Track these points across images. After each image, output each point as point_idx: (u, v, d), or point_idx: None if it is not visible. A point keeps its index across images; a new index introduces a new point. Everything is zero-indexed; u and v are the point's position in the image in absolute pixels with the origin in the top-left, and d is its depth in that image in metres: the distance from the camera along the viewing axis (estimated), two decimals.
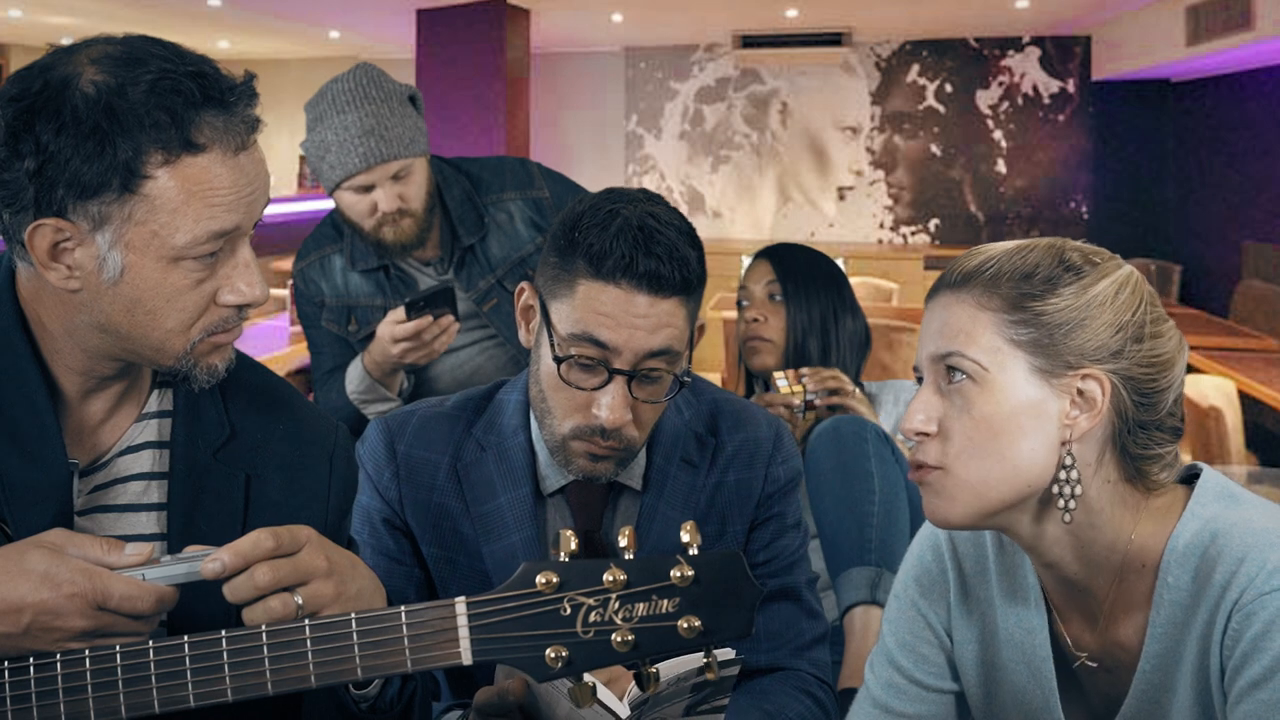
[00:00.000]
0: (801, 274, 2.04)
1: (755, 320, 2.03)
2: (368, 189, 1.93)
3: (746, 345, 2.05)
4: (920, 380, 1.07)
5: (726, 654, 1.01)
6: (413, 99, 2.01)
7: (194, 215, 0.92)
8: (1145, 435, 1.02)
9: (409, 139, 1.94)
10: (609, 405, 1.20)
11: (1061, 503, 1.01)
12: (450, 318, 1.88)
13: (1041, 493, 1.02)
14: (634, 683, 0.98)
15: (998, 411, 1.00)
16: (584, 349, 1.20)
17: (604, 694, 1.03)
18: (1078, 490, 1.01)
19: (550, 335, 1.23)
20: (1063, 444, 1.01)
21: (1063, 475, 1.01)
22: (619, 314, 1.18)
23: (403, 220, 1.95)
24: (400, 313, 1.87)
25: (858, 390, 1.96)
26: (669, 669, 0.96)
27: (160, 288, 0.94)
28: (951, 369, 1.02)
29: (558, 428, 1.25)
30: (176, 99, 0.91)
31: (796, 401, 1.92)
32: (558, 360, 1.21)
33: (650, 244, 1.18)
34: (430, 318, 1.86)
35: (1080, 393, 1.00)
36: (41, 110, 0.89)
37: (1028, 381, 1.00)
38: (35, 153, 0.89)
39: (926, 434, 1.03)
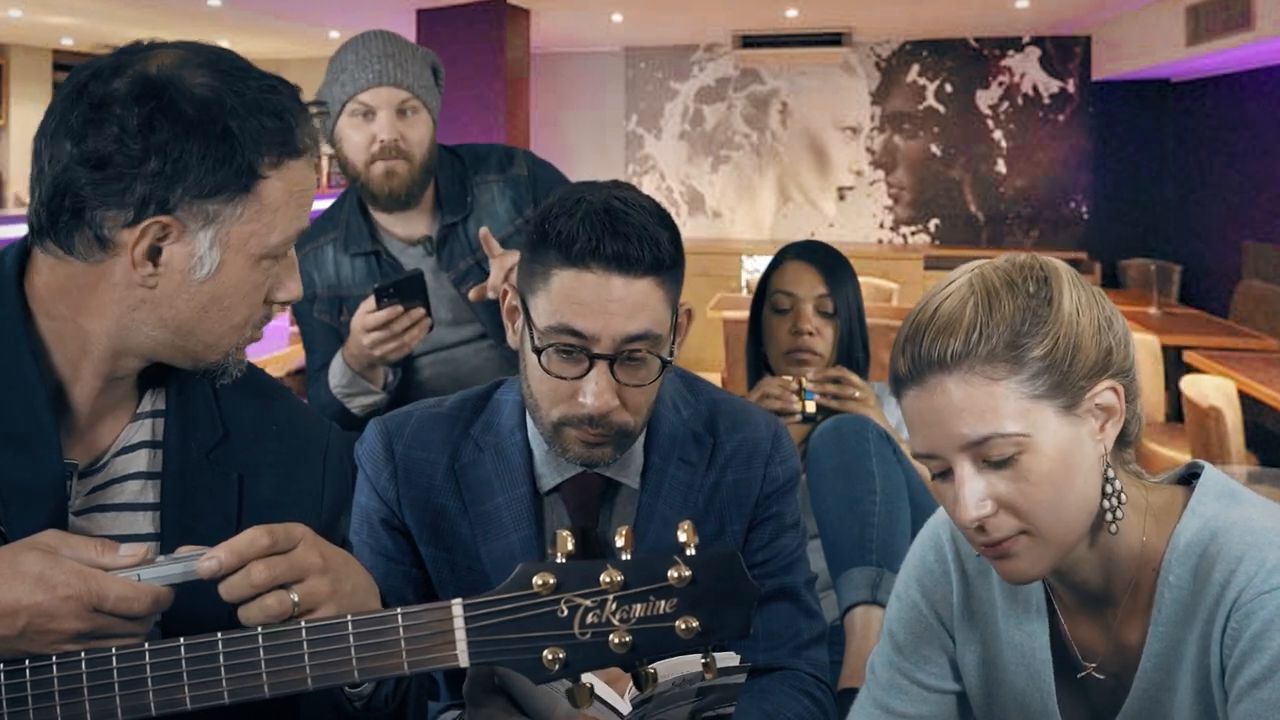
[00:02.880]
0: (844, 280, 2.02)
1: (810, 334, 1.98)
2: (370, 116, 1.94)
3: (791, 356, 1.99)
4: (944, 471, 1.02)
5: (730, 660, 1.01)
6: (434, 68, 2.05)
7: (289, 216, 0.97)
8: (1134, 406, 1.04)
9: (423, 82, 1.98)
10: (593, 392, 1.20)
11: (1110, 515, 1.01)
12: (421, 310, 1.86)
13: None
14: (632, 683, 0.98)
15: (1052, 467, 0.98)
16: (562, 339, 1.20)
17: (606, 692, 1.03)
18: (1124, 498, 1.02)
19: (530, 329, 1.23)
20: (1100, 458, 1.01)
21: (1108, 489, 1.01)
22: (593, 299, 1.18)
23: (397, 163, 1.95)
24: (371, 302, 1.86)
25: (869, 388, 1.94)
26: (672, 669, 0.95)
27: (240, 285, 0.97)
28: (991, 449, 0.99)
29: (546, 418, 1.25)
30: (281, 102, 0.96)
31: (795, 407, 1.91)
32: (537, 351, 1.21)
33: (617, 225, 1.18)
34: (401, 308, 1.84)
35: (1099, 406, 1.00)
36: (162, 112, 0.91)
37: (1061, 424, 0.99)
38: (160, 153, 0.91)
39: (988, 515, 1.00)
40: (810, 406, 1.91)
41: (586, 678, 0.88)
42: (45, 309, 0.98)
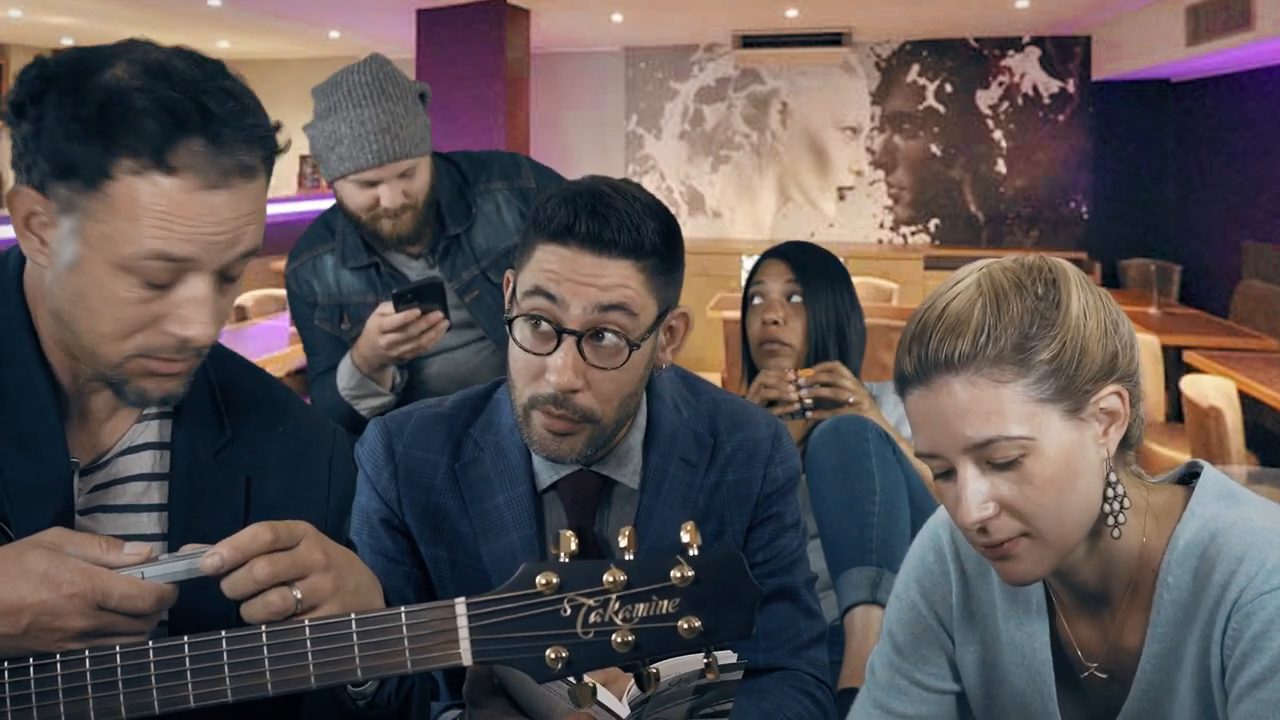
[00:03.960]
0: (819, 274, 2.02)
1: (775, 323, 1.98)
2: (372, 184, 1.94)
3: (763, 348, 2.00)
4: (947, 471, 1.02)
5: (728, 657, 1.01)
6: (422, 96, 2.03)
7: (145, 232, 0.91)
8: (1137, 409, 1.03)
9: (419, 138, 1.96)
10: (557, 367, 1.20)
11: (1111, 519, 1.01)
12: (439, 314, 1.88)
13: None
14: (633, 682, 0.98)
15: (1055, 470, 0.98)
16: (534, 303, 1.20)
17: (603, 695, 1.03)
18: (1126, 503, 1.02)
19: (513, 304, 1.25)
20: (1103, 462, 1.01)
21: (1110, 493, 1.01)
22: (567, 271, 1.19)
23: (403, 215, 1.96)
24: (389, 305, 1.87)
25: (862, 388, 1.94)
26: (670, 669, 0.96)
27: (101, 290, 0.93)
28: (995, 451, 0.99)
29: (519, 401, 1.25)
30: (170, 117, 0.90)
31: (791, 396, 1.91)
32: (510, 321, 1.23)
33: (597, 206, 1.20)
34: (419, 311, 1.86)
35: (1103, 410, 1.01)
36: (58, 81, 0.91)
37: (1065, 428, 0.99)
38: (34, 118, 0.91)
39: (990, 517, 1.00)
40: (805, 394, 1.91)
41: (587, 678, 0.88)
42: (35, 304, 0.99)
